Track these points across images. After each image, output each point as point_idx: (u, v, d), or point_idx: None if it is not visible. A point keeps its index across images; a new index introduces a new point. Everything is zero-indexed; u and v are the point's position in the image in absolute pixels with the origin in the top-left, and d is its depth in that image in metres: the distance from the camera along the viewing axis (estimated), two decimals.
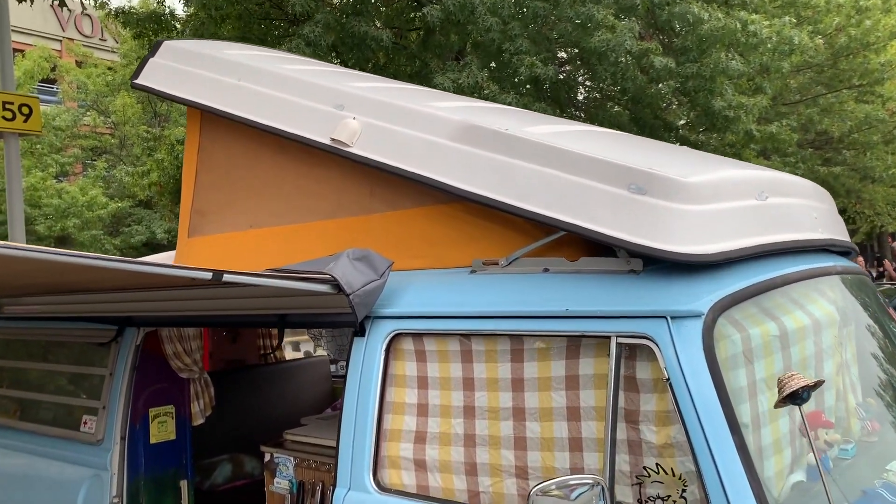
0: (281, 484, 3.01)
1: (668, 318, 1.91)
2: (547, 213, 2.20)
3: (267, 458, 3.09)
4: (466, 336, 2.40)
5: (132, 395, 3.49)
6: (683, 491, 1.85)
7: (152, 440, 3.62)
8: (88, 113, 20.73)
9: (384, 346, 2.54)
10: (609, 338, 2.02)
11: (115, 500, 3.38)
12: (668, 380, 1.88)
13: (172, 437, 3.71)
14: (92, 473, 3.45)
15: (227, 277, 2.19)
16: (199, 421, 3.78)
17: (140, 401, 3.57)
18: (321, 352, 5.86)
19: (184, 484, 3.74)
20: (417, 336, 2.51)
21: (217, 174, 3.48)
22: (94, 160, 21.19)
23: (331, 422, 3.33)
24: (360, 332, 2.60)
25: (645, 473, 1.93)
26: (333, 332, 5.89)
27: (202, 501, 3.87)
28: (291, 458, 2.98)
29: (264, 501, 4.15)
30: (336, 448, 2.56)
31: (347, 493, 2.49)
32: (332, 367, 5.67)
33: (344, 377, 5.19)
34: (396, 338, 2.54)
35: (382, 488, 2.45)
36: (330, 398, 5.49)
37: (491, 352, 2.35)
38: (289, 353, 6.05)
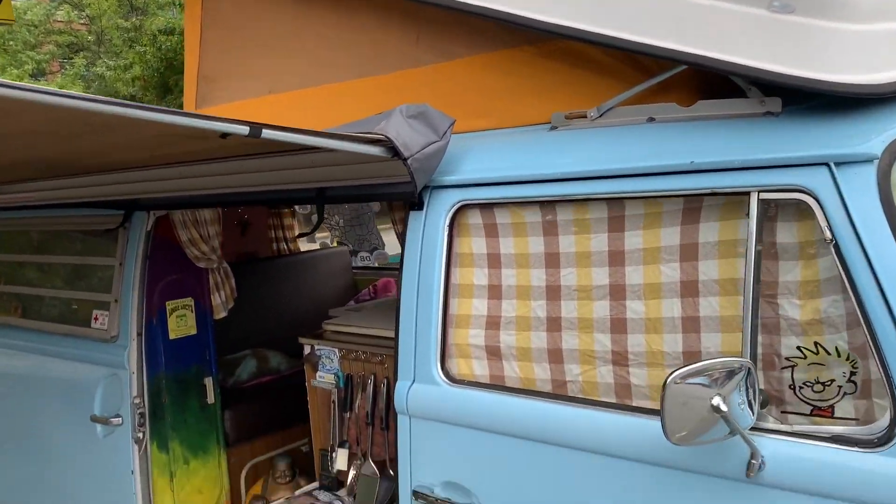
0: (325, 378, 2.70)
1: (832, 165, 1.52)
2: (660, 45, 1.77)
3: (306, 350, 2.76)
4: (549, 204, 2.02)
5: (146, 288, 3.14)
6: (852, 374, 1.52)
7: (171, 335, 3.29)
8: (62, 7, 19.55)
9: (447, 221, 2.17)
10: (748, 194, 1.63)
11: (136, 401, 3.08)
12: (831, 241, 1.51)
13: (193, 331, 3.38)
14: (108, 373, 3.14)
15: (266, 133, 1.78)
16: (221, 314, 3.45)
17: (155, 293, 3.22)
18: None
19: (208, 381, 3.45)
20: (487, 207, 2.13)
21: (226, 31, 3.00)
22: (72, 58, 20.15)
23: (373, 311, 3.00)
24: (418, 204, 2.22)
25: (799, 355, 1.59)
26: (352, 221, 5.52)
27: (228, 399, 3.60)
28: (336, 350, 2.66)
29: (294, 398, 3.90)
30: (395, 338, 2.23)
31: (412, 387, 2.17)
32: (352, 259, 5.34)
33: (365, 269, 4.85)
34: (461, 210, 2.16)
35: (452, 379, 2.13)
36: (351, 291, 5.18)
37: (581, 221, 1.97)
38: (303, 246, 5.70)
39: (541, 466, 1.97)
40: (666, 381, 1.47)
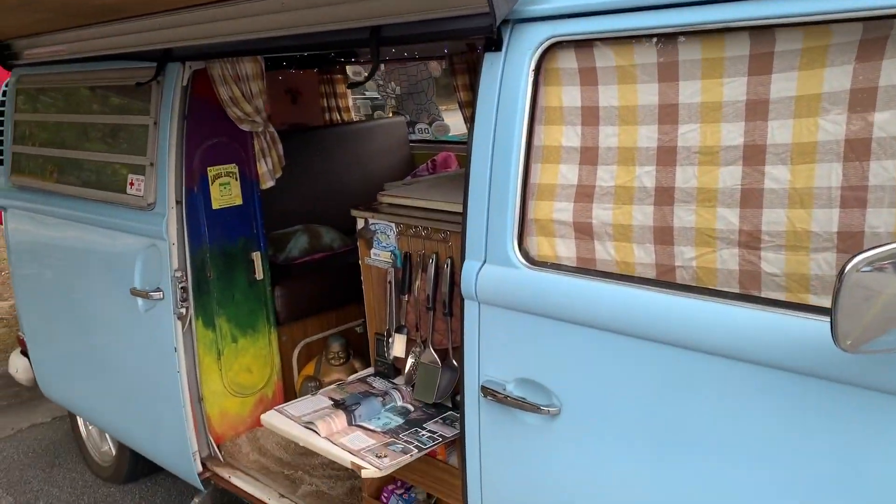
0: (380, 256, 2.37)
1: None
2: None
3: (359, 224, 2.43)
4: (669, 39, 1.57)
5: (185, 151, 2.82)
6: None
7: (215, 205, 3.00)
8: None
9: (532, 65, 1.74)
10: None
11: (178, 274, 2.83)
12: None
13: (238, 202, 3.09)
14: (147, 243, 2.88)
15: None
16: (268, 183, 3.13)
17: (195, 158, 2.90)
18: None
19: (256, 256, 3.18)
20: (584, 46, 1.69)
21: None
22: None
23: (436, 183, 2.63)
24: (496, 43, 1.79)
25: None
26: (410, 88, 5.07)
27: (277, 276, 3.34)
28: (392, 225, 2.32)
29: (348, 276, 3.63)
30: (463, 211, 1.86)
31: (482, 268, 1.82)
32: (410, 131, 4.93)
33: (423, 142, 4.42)
34: (551, 51, 1.73)
35: (531, 261, 1.77)
36: (408, 165, 4.81)
37: (713, 61, 1.52)
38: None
39: (638, 368, 1.62)
40: (845, 269, 1.07)
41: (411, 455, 1.97)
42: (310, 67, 5.09)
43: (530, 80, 1.75)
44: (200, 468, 3.04)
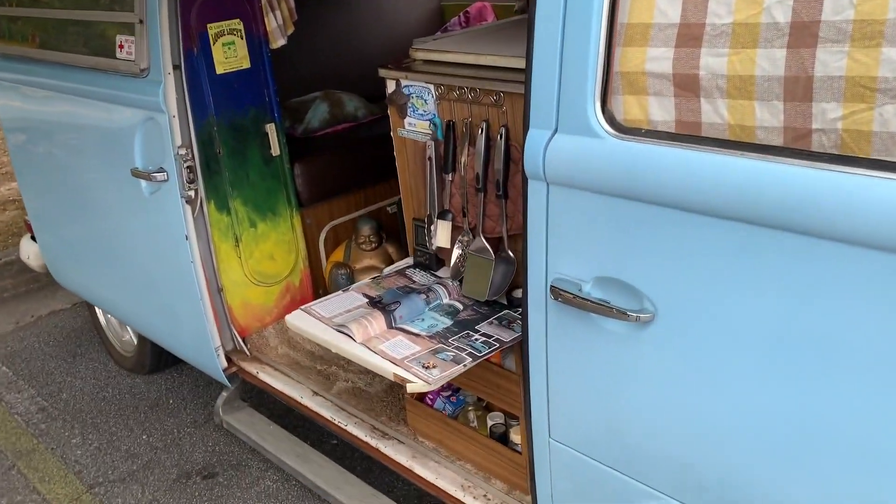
0: (416, 126, 1.97)
1: None
2: None
3: (389, 87, 2.01)
4: None
5: (179, 4, 2.37)
6: None
7: (219, 69, 2.58)
8: None
9: None
10: None
11: (182, 151, 2.46)
12: None
13: (246, 64, 2.66)
14: (144, 116, 2.49)
15: None
16: (278, 41, 2.68)
17: (192, 13, 2.46)
18: None
19: (270, 128, 2.79)
20: None
21: None
22: None
23: (481, 34, 2.17)
24: None
25: None
26: None
27: (297, 151, 2.96)
28: (431, 88, 1.90)
29: (377, 150, 3.24)
30: (525, 66, 1.44)
31: (552, 139, 1.43)
32: None
33: None
34: None
35: (619, 128, 1.37)
36: (438, 19, 4.27)
37: None
38: None
39: (760, 264, 1.25)
40: None
41: (464, 364, 1.66)
42: None
43: None
44: (225, 364, 2.80)
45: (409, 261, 2.18)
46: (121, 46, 2.49)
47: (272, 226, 2.89)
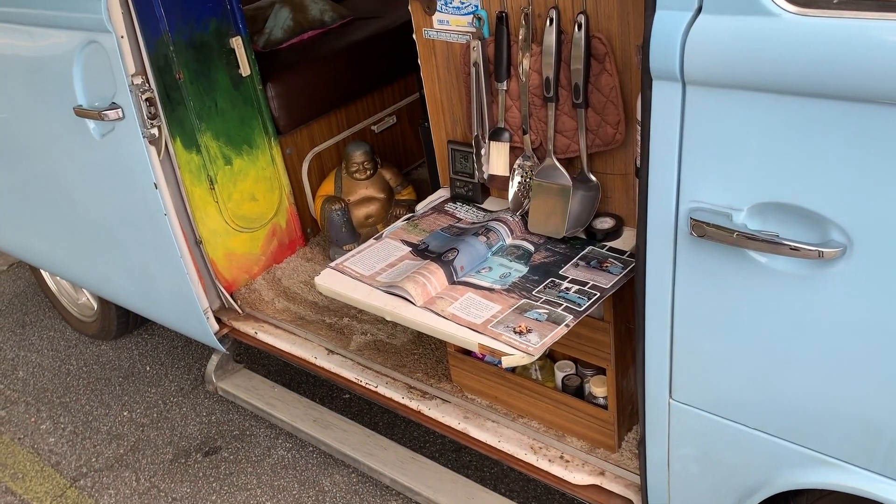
0: (449, 23, 1.56)
1: None
2: None
3: None
4: None
5: None
6: None
7: None
8: None
9: None
10: None
11: (138, 81, 1.99)
12: None
13: None
14: (83, 40, 1.99)
15: None
16: None
17: None
18: None
19: (237, 43, 2.31)
20: None
21: None
22: None
23: None
24: None
25: None
26: None
27: (265, 68, 2.49)
28: None
29: (352, 58, 2.78)
30: None
31: (696, 21, 1.06)
32: None
33: None
34: None
35: (798, 1, 1.00)
36: None
37: None
38: None
39: None
40: None
41: (566, 324, 1.33)
42: None
43: None
44: (217, 326, 2.41)
45: (444, 193, 1.80)
46: None
47: (250, 161, 2.45)
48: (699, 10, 1.06)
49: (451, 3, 1.54)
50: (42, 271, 3.18)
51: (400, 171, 2.70)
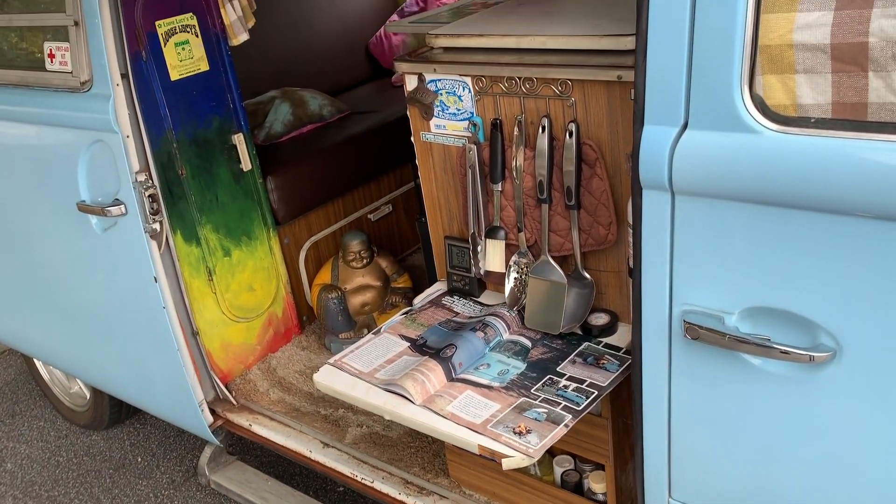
0: (445, 127, 1.63)
1: None
2: None
3: (409, 84, 1.65)
4: None
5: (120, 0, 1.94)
6: None
7: (174, 75, 2.16)
8: None
9: None
10: None
11: (141, 178, 2.04)
12: None
13: (204, 67, 2.24)
14: (90, 139, 2.05)
15: None
16: (240, 37, 2.28)
17: (136, 8, 2.02)
18: None
19: (239, 139, 2.38)
20: None
21: None
22: None
23: (508, 10, 1.81)
24: None
25: None
26: None
27: (265, 161, 2.56)
28: (467, 81, 1.55)
29: (349, 152, 2.87)
30: (637, 42, 1.12)
31: (682, 136, 1.12)
32: None
33: None
34: None
35: (775, 117, 1.06)
36: (390, 2, 3.89)
37: None
38: None
39: None
40: None
41: (566, 425, 1.34)
42: None
43: None
44: (211, 419, 2.39)
45: (441, 286, 1.83)
46: (51, 56, 2.03)
47: (248, 252, 2.48)
48: (685, 125, 1.12)
49: (447, 109, 1.62)
50: (35, 360, 3.17)
51: (396, 259, 2.74)
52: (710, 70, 1.07)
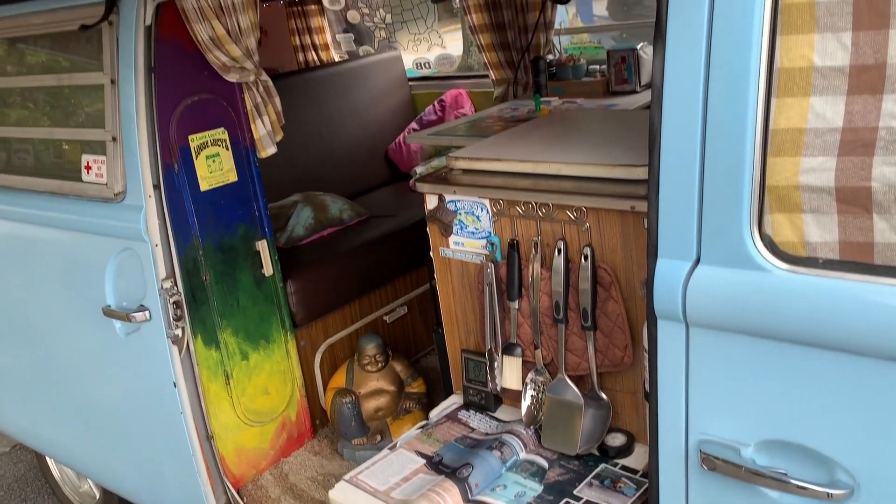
0: (464, 245, 1.68)
1: None
2: None
3: (429, 203, 1.72)
4: None
5: (156, 116, 2.05)
6: None
7: (203, 186, 2.25)
8: None
9: None
10: None
11: (167, 285, 2.10)
12: None
13: (233, 178, 2.33)
14: (119, 247, 2.12)
15: None
16: (268, 150, 2.38)
17: (171, 125, 2.13)
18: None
19: (262, 246, 2.44)
20: None
21: None
22: None
23: (536, 131, 1.90)
24: None
25: None
26: (404, 15, 4.27)
27: (286, 264, 2.62)
28: (485, 203, 1.62)
29: (367, 255, 2.94)
30: (649, 178, 1.18)
31: (694, 271, 1.16)
32: (408, 67, 4.14)
33: (424, 79, 3.64)
34: None
35: (784, 256, 1.11)
36: (410, 109, 4.06)
37: None
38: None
39: None
40: None
41: None
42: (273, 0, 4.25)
43: None
44: None
45: (457, 400, 1.85)
46: (87, 168, 2.13)
47: (266, 355, 2.51)
48: (698, 260, 1.16)
49: (466, 227, 1.68)
50: (47, 457, 3.16)
51: (410, 362, 2.76)
52: (720, 208, 1.12)
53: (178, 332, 2.13)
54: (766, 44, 1.08)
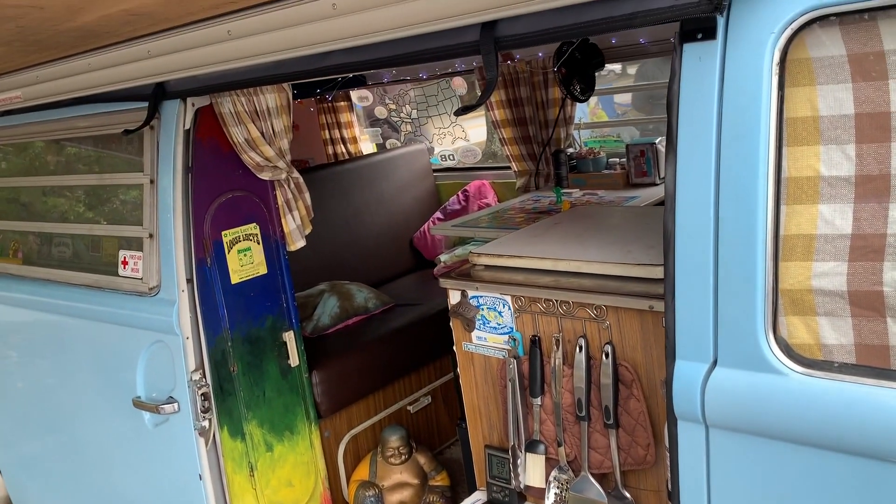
0: (486, 340, 1.71)
1: None
2: None
3: (452, 299, 1.77)
4: None
5: (192, 213, 2.14)
6: None
7: (234, 279, 2.32)
8: None
9: (776, 54, 1.11)
10: None
11: (196, 377, 2.14)
12: None
13: (263, 270, 2.40)
14: (151, 339, 2.18)
15: None
16: (297, 243, 2.46)
17: (206, 221, 2.22)
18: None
19: (289, 337, 2.49)
20: (860, 21, 1.07)
21: None
22: None
23: (559, 228, 1.96)
24: (707, 28, 1.16)
25: None
26: (429, 110, 4.43)
27: (312, 354, 2.66)
28: (507, 299, 1.66)
29: (392, 343, 2.97)
30: (666, 283, 1.22)
31: (712, 374, 1.18)
32: (432, 158, 4.28)
33: (449, 170, 3.75)
34: (805, 32, 1.10)
35: (800, 360, 1.13)
36: (434, 199, 4.17)
37: None
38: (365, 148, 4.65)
39: None
40: None
41: None
42: (305, 96, 4.44)
43: (775, 76, 1.11)
44: None
45: (481, 496, 1.84)
46: (124, 263, 2.22)
47: (290, 447, 2.52)
48: (715, 362, 1.18)
49: (488, 323, 1.71)
50: None
51: (434, 455, 2.74)
52: (735, 312, 1.15)
53: (206, 423, 2.16)
54: (773, 154, 1.13)
